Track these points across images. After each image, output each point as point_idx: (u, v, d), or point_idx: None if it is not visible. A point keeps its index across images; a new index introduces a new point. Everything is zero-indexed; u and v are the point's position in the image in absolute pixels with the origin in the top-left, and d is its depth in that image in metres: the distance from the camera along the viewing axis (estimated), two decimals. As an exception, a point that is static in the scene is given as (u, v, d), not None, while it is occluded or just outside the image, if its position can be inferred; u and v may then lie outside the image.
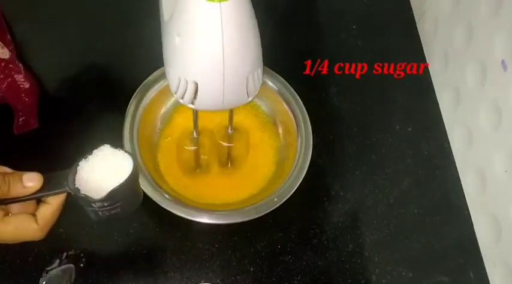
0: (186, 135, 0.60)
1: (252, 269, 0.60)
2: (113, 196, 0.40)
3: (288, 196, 0.58)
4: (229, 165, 0.64)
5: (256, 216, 0.57)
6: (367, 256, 0.62)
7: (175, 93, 0.44)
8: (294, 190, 0.58)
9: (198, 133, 0.58)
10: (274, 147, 0.66)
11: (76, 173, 0.40)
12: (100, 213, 0.41)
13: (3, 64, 0.53)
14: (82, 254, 0.57)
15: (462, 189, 0.68)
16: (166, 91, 0.65)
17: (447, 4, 0.73)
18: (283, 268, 0.60)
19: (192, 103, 0.44)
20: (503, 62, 0.60)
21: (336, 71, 0.76)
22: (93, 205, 0.40)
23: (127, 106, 0.61)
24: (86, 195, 0.39)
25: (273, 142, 0.67)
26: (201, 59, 0.41)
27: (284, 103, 0.65)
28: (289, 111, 0.65)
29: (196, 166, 0.63)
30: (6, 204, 0.40)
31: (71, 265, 0.55)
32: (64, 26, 0.74)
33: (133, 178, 0.41)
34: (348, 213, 0.65)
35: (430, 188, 0.68)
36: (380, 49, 0.79)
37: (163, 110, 0.66)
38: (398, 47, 0.80)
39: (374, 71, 0.77)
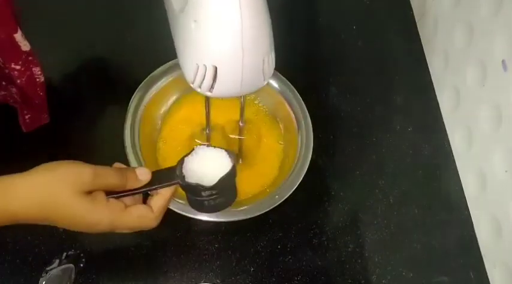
0: (198, 130, 0.61)
1: (252, 269, 0.60)
2: (221, 184, 0.43)
3: (289, 194, 0.58)
4: (240, 161, 0.64)
5: (257, 214, 0.57)
6: (367, 256, 0.62)
7: (193, 82, 0.44)
8: (295, 187, 0.59)
9: (211, 129, 0.58)
10: (277, 144, 0.66)
11: (182, 168, 0.44)
12: (206, 202, 0.44)
13: (23, 56, 0.53)
14: (82, 254, 0.57)
15: (462, 189, 0.68)
16: (168, 90, 0.65)
17: (447, 4, 0.73)
18: (283, 268, 0.60)
19: (210, 91, 0.45)
20: (503, 62, 0.59)
21: (336, 70, 0.76)
22: (203, 193, 0.43)
23: (128, 104, 0.62)
24: (197, 184, 0.43)
25: (276, 139, 0.67)
26: (220, 41, 0.42)
27: (284, 101, 0.66)
28: (289, 108, 0.65)
29: None
30: (120, 197, 0.43)
31: (71, 265, 0.55)
32: (65, 24, 0.74)
33: (235, 170, 0.44)
34: (348, 213, 0.65)
35: (430, 188, 0.68)
36: (380, 49, 0.79)
37: (164, 108, 0.66)
38: (398, 46, 0.80)
39: (374, 71, 0.77)
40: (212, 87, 0.44)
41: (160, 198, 0.44)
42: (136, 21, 0.75)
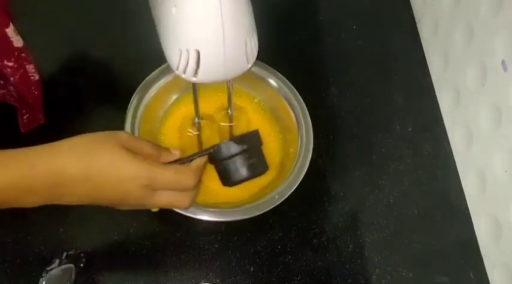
0: (188, 120, 0.61)
1: (252, 269, 0.60)
2: (249, 138, 0.49)
3: (289, 194, 0.58)
4: None
5: (257, 214, 0.57)
6: (367, 256, 0.62)
7: (177, 68, 0.44)
8: (295, 187, 0.59)
9: (200, 118, 0.58)
10: (277, 144, 0.66)
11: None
12: (238, 162, 0.48)
13: (16, 53, 0.52)
14: (82, 254, 0.56)
15: (462, 189, 0.68)
16: (168, 89, 0.65)
17: (447, 4, 0.73)
18: (283, 268, 0.60)
19: (195, 76, 0.45)
20: (503, 62, 0.60)
21: (336, 70, 0.76)
22: (234, 150, 0.47)
23: (128, 104, 0.62)
24: (229, 139, 0.47)
25: (275, 139, 0.67)
26: (200, 24, 0.42)
27: (284, 101, 0.66)
28: (289, 108, 0.65)
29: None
30: None
31: (71, 265, 0.55)
32: (64, 23, 0.74)
33: (260, 135, 0.50)
34: (348, 213, 0.65)
35: (430, 188, 0.68)
36: (380, 49, 0.79)
37: (163, 108, 0.66)
38: (398, 46, 0.80)
39: (374, 71, 0.77)
40: (196, 72, 0.44)
41: (195, 162, 0.47)
42: (136, 21, 0.75)
